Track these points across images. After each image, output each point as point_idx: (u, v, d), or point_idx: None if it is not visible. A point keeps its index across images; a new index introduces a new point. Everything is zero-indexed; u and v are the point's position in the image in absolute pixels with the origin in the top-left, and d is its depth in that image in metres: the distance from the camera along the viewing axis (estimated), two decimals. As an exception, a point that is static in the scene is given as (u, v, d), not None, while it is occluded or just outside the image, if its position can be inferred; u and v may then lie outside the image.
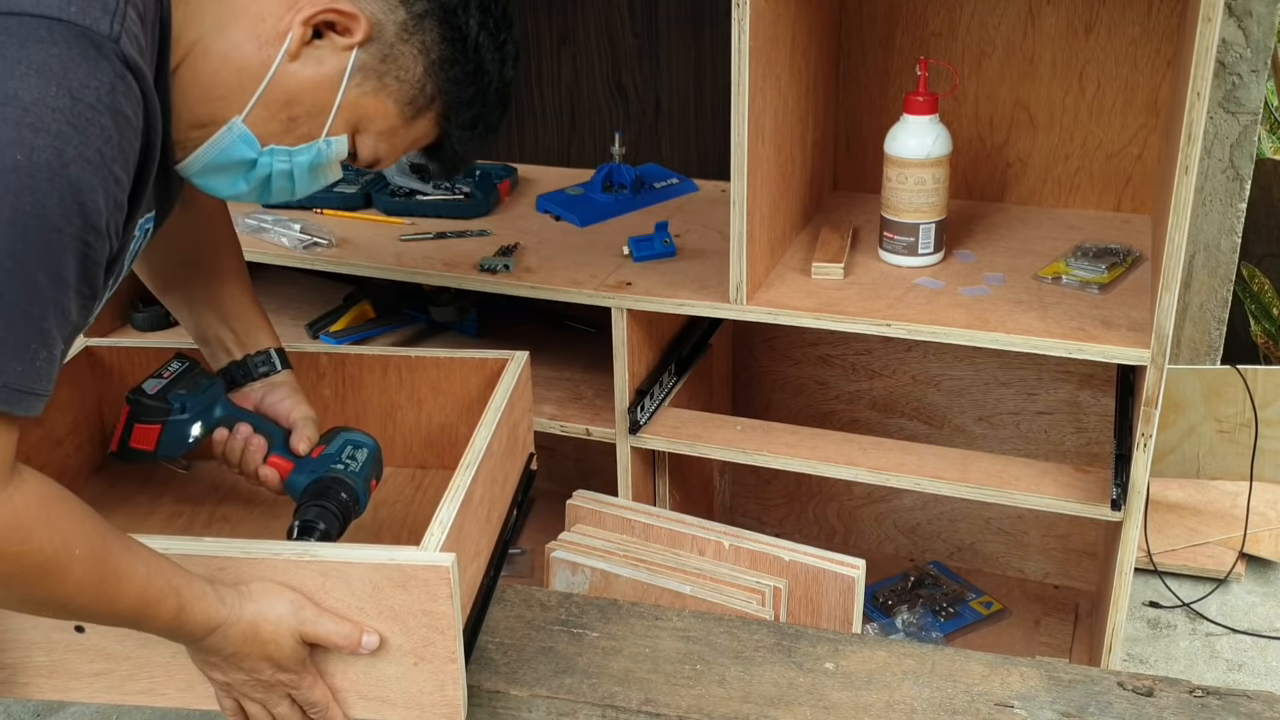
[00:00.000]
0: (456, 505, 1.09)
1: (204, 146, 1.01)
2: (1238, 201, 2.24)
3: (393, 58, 1.04)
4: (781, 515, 2.27)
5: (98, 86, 0.84)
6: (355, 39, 1.02)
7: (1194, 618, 2.17)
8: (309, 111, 1.03)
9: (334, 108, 1.03)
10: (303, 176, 1.06)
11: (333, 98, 1.03)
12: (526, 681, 1.17)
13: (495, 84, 1.11)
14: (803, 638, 1.23)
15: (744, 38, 1.49)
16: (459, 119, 1.10)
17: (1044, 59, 1.87)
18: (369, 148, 1.08)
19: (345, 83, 1.03)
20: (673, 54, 2.23)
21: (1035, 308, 1.62)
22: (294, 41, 1.00)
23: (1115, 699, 1.14)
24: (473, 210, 1.99)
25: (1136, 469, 1.54)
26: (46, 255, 0.83)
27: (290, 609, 1.03)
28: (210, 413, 1.25)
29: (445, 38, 1.06)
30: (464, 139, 1.12)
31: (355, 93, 1.04)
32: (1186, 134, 1.36)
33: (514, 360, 1.36)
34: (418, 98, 1.07)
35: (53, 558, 0.90)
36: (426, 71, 1.06)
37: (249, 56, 0.99)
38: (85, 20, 0.85)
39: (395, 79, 1.05)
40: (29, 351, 0.84)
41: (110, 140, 0.85)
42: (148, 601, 0.96)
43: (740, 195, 1.58)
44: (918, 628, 1.97)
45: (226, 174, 1.04)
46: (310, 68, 1.01)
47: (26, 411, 0.85)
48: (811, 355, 2.13)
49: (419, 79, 1.06)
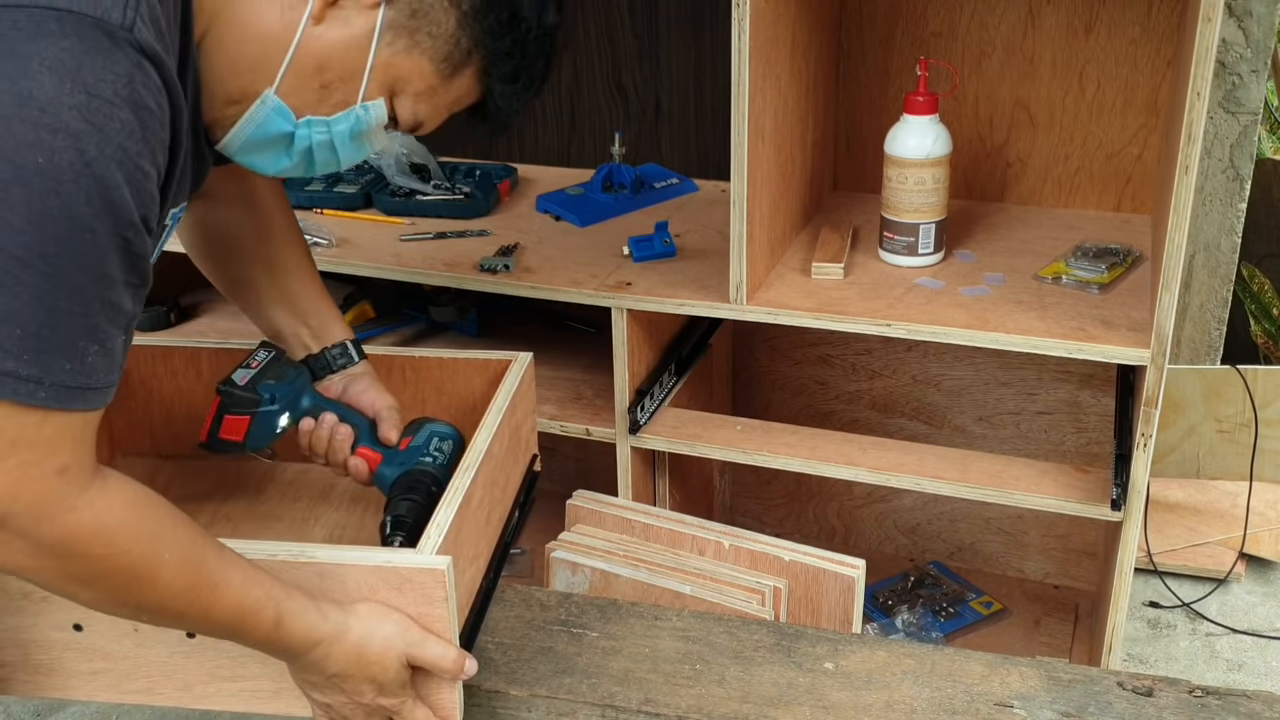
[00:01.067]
0: (454, 508, 1.09)
1: (240, 123, 0.99)
2: (1238, 201, 2.24)
3: (422, 12, 0.99)
4: (781, 515, 2.27)
5: (114, 79, 0.82)
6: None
7: (1194, 618, 2.17)
8: (341, 77, 0.99)
9: (366, 70, 0.99)
10: (345, 146, 1.04)
11: (364, 60, 0.99)
12: (526, 681, 1.17)
13: (535, 31, 1.04)
14: (802, 638, 1.23)
15: (744, 38, 1.49)
16: (499, 72, 1.04)
17: (1044, 59, 1.87)
18: (408, 110, 1.04)
19: (375, 42, 0.98)
20: (673, 54, 2.23)
21: (1035, 308, 1.62)
22: (316, 3, 0.96)
23: (1115, 699, 1.14)
24: (473, 210, 1.99)
25: (1136, 469, 1.54)
26: (83, 256, 0.82)
27: (398, 630, 1.02)
28: (298, 403, 1.25)
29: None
30: (508, 94, 1.06)
31: (387, 52, 0.99)
32: (1186, 134, 1.36)
33: (517, 361, 1.36)
34: (453, 53, 1.02)
35: (141, 561, 0.89)
36: (459, 24, 1.00)
37: (272, 23, 0.96)
38: (96, 10, 0.82)
39: (428, 35, 1.00)
40: (77, 350, 0.83)
41: (132, 133, 0.83)
42: (245, 611, 0.95)
43: (740, 195, 1.58)
44: (918, 628, 1.97)
45: (267, 150, 1.02)
46: (337, 29, 0.97)
47: (86, 405, 0.85)
48: (811, 355, 2.13)
49: (452, 32, 1.01)
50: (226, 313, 2.11)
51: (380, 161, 2.05)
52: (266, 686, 1.09)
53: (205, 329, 2.06)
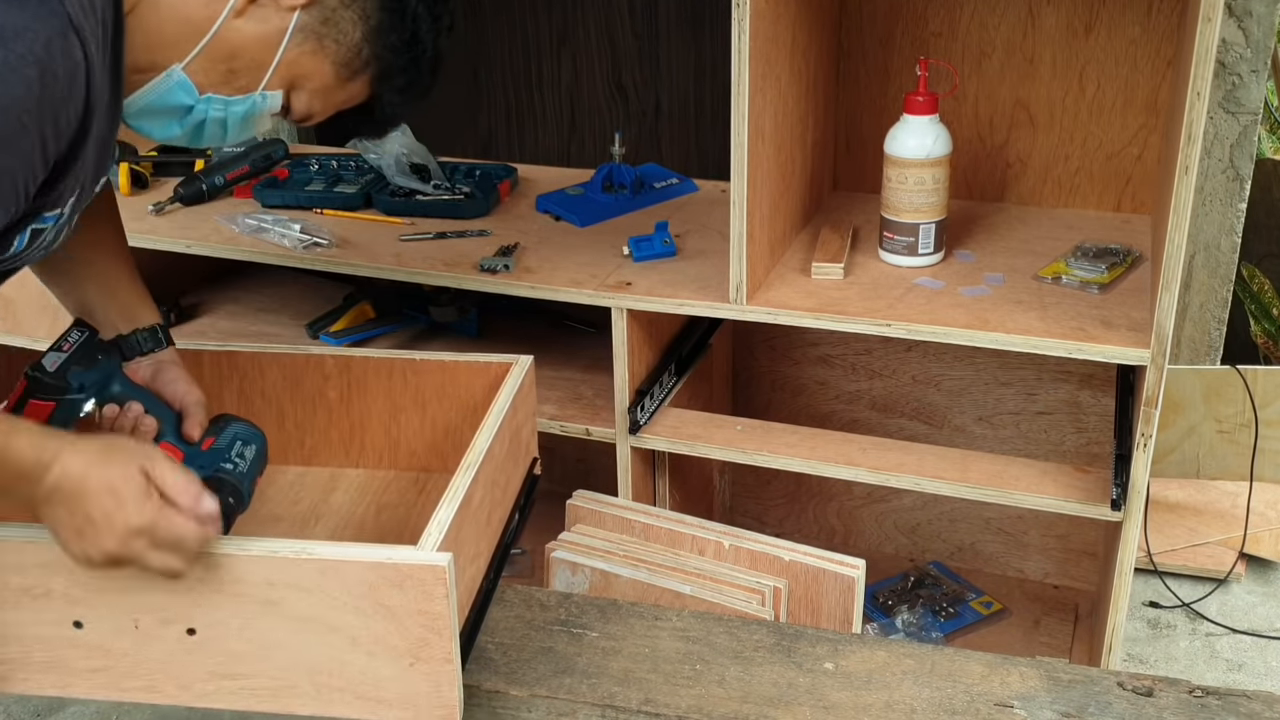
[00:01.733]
0: (455, 507, 1.09)
1: (142, 89, 1.05)
2: (1238, 201, 2.24)
3: (333, 21, 1.08)
4: (781, 515, 2.27)
5: (31, 40, 0.87)
6: (299, 1, 1.06)
7: (1194, 618, 2.17)
8: (248, 66, 1.07)
9: (273, 64, 1.07)
10: (235, 125, 1.11)
11: (273, 55, 1.07)
12: (526, 681, 1.17)
13: (429, 53, 1.15)
14: (802, 638, 1.23)
15: (744, 38, 1.49)
16: (391, 84, 1.14)
17: (1044, 59, 1.87)
18: (303, 104, 1.12)
19: (286, 41, 1.07)
20: (673, 54, 2.23)
21: (1035, 308, 1.62)
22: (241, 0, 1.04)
23: (1115, 699, 1.14)
24: (473, 210, 1.98)
25: (1136, 469, 1.54)
26: None
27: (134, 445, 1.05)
28: (106, 389, 1.24)
29: (384, 6, 1.10)
30: (395, 103, 1.16)
31: (295, 52, 1.08)
32: (1186, 134, 1.36)
33: (518, 364, 1.36)
34: (354, 60, 1.11)
35: None
36: (364, 37, 1.10)
37: (196, 10, 1.03)
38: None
39: (334, 41, 1.09)
40: None
41: (30, 93, 0.88)
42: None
43: (740, 195, 1.58)
44: (918, 628, 1.97)
45: (161, 117, 1.08)
46: (254, 25, 1.06)
47: None
48: (811, 355, 2.13)
49: (357, 43, 1.10)
50: (226, 313, 2.12)
51: (380, 161, 2.05)
52: (266, 684, 1.09)
53: (205, 329, 2.06)
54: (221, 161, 2.10)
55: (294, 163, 2.15)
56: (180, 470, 1.06)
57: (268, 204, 2.03)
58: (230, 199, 2.08)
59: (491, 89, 2.37)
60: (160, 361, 1.30)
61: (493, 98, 2.39)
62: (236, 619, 1.06)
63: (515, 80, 2.35)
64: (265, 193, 2.04)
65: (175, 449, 1.24)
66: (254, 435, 1.28)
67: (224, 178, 2.07)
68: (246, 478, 1.24)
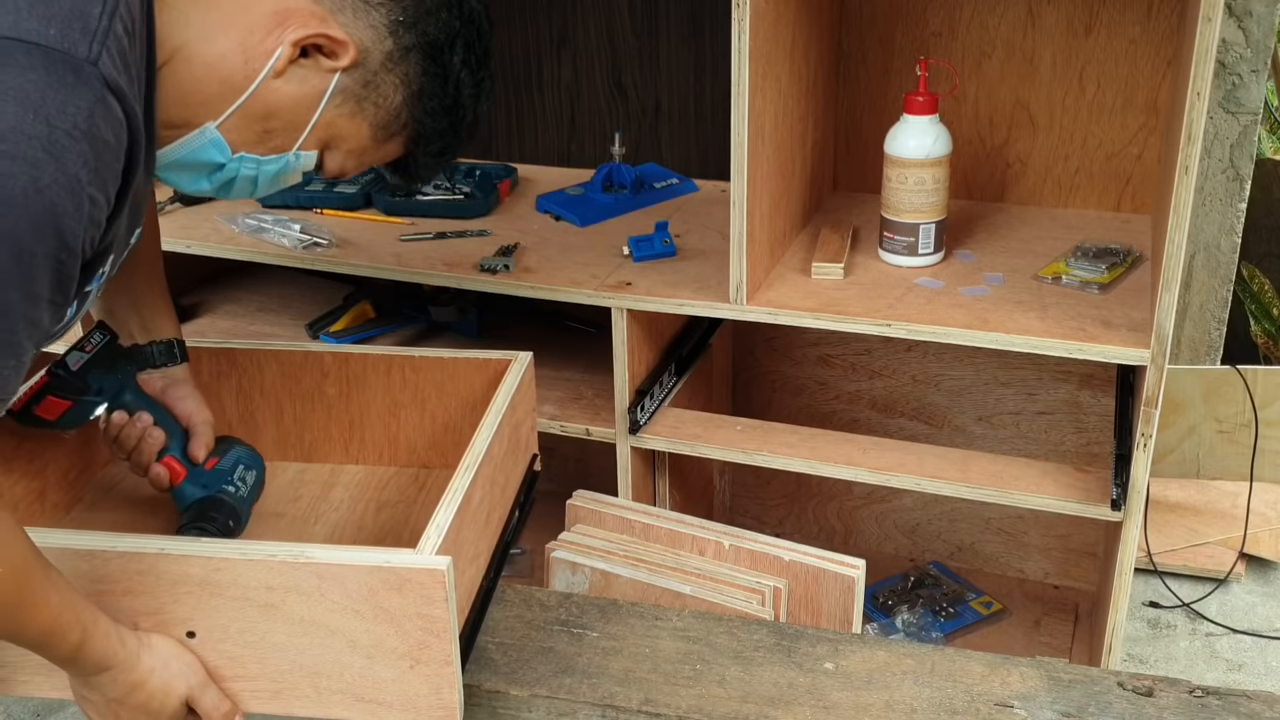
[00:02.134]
0: (454, 508, 1.09)
1: (174, 144, 1.02)
2: (1238, 201, 2.24)
3: (374, 85, 1.05)
4: (781, 515, 2.27)
5: (75, 113, 0.85)
6: (341, 64, 1.03)
7: (1194, 618, 2.17)
8: (285, 126, 1.04)
9: (310, 125, 1.05)
10: (266, 182, 1.08)
11: (310, 116, 1.04)
12: (526, 681, 1.17)
13: (469, 119, 1.13)
14: (803, 638, 1.23)
15: (744, 38, 1.49)
16: (428, 147, 1.12)
17: (1044, 59, 1.87)
18: (336, 163, 1.10)
19: (325, 103, 1.04)
20: (673, 54, 2.23)
21: (1035, 308, 1.62)
22: (281, 60, 1.00)
23: (1115, 699, 1.14)
24: (473, 210, 1.98)
25: (1136, 469, 1.54)
26: (19, 275, 0.85)
27: (184, 670, 1.06)
28: (120, 396, 1.25)
29: (428, 72, 1.07)
30: (428, 164, 1.15)
31: (333, 113, 1.05)
32: (1186, 134, 1.36)
33: (517, 361, 1.36)
34: (392, 123, 1.08)
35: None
36: (405, 101, 1.08)
37: (235, 69, 1.00)
38: (64, 44, 0.85)
39: (374, 104, 1.06)
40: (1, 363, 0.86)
41: (87, 164, 0.86)
42: (55, 631, 0.97)
43: (740, 195, 1.58)
44: (918, 628, 1.97)
45: (191, 172, 1.06)
46: (293, 85, 1.02)
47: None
48: (811, 355, 2.13)
49: (397, 107, 1.08)
50: (226, 313, 2.12)
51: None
52: (266, 686, 1.09)
53: (205, 329, 2.06)
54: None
55: (294, 163, 2.15)
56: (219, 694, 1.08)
57: (268, 204, 2.03)
58: (230, 199, 2.07)
59: (491, 89, 2.37)
60: (172, 377, 1.30)
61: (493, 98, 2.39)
62: (236, 622, 1.06)
63: (515, 80, 2.35)
64: (265, 193, 2.04)
65: (179, 465, 1.27)
66: (255, 460, 1.32)
67: (224, 178, 2.07)
68: (246, 501, 1.28)
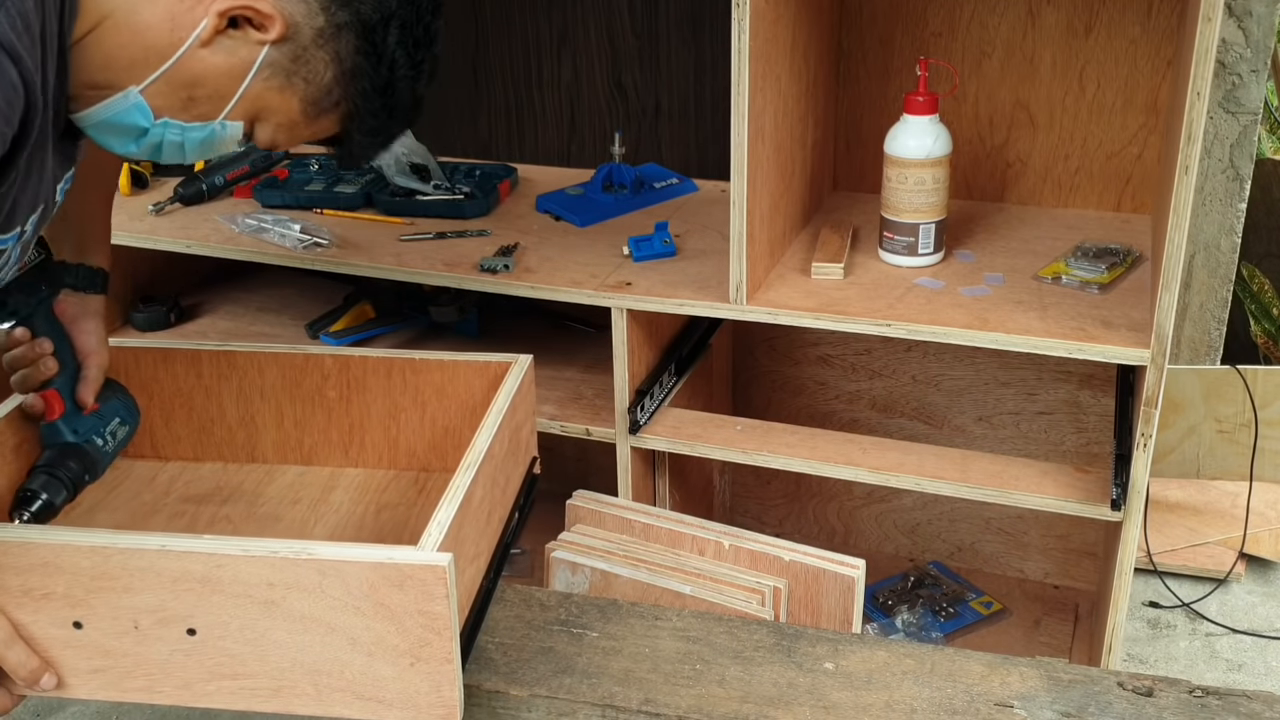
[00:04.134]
0: (455, 506, 1.09)
1: (97, 106, 1.03)
2: (1238, 201, 2.24)
3: (304, 60, 1.05)
4: (781, 515, 2.27)
5: None
6: (269, 37, 1.03)
7: (1194, 618, 2.17)
8: (209, 95, 1.04)
9: (235, 96, 1.05)
10: (194, 148, 1.08)
11: (236, 87, 1.04)
12: (526, 681, 1.17)
13: (404, 100, 1.12)
14: (802, 638, 1.23)
15: (744, 38, 1.49)
16: (362, 126, 1.11)
17: (1044, 59, 1.87)
18: (267, 135, 1.10)
19: (252, 76, 1.04)
20: (673, 54, 2.23)
21: (1035, 308, 1.62)
22: (207, 30, 1.01)
23: (1115, 699, 1.14)
24: (473, 210, 1.98)
25: (1136, 469, 1.54)
26: None
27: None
28: (30, 318, 1.24)
29: (360, 50, 1.06)
30: (364, 144, 1.14)
31: (260, 86, 1.05)
32: (1186, 134, 1.36)
33: (517, 363, 1.36)
34: (322, 100, 1.08)
35: None
36: (336, 79, 1.07)
37: (160, 36, 1.00)
38: None
39: (303, 80, 1.06)
40: None
41: None
42: None
43: (740, 195, 1.58)
44: (918, 628, 1.97)
45: (117, 134, 1.06)
46: (220, 56, 1.03)
47: None
48: (811, 355, 2.13)
49: (327, 84, 1.07)
50: (226, 313, 2.12)
51: (380, 161, 2.05)
52: (266, 684, 1.09)
53: (205, 329, 2.06)
54: (221, 161, 2.10)
55: (294, 163, 2.15)
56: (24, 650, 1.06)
57: (268, 204, 2.03)
58: (230, 199, 2.08)
59: (491, 89, 2.37)
60: (85, 307, 1.29)
61: (493, 98, 2.39)
62: (237, 619, 1.06)
63: (515, 80, 2.35)
64: (265, 193, 2.04)
65: (60, 402, 1.25)
66: (132, 416, 1.31)
67: (224, 178, 2.07)
68: (109, 457, 1.28)
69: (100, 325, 1.30)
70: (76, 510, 1.36)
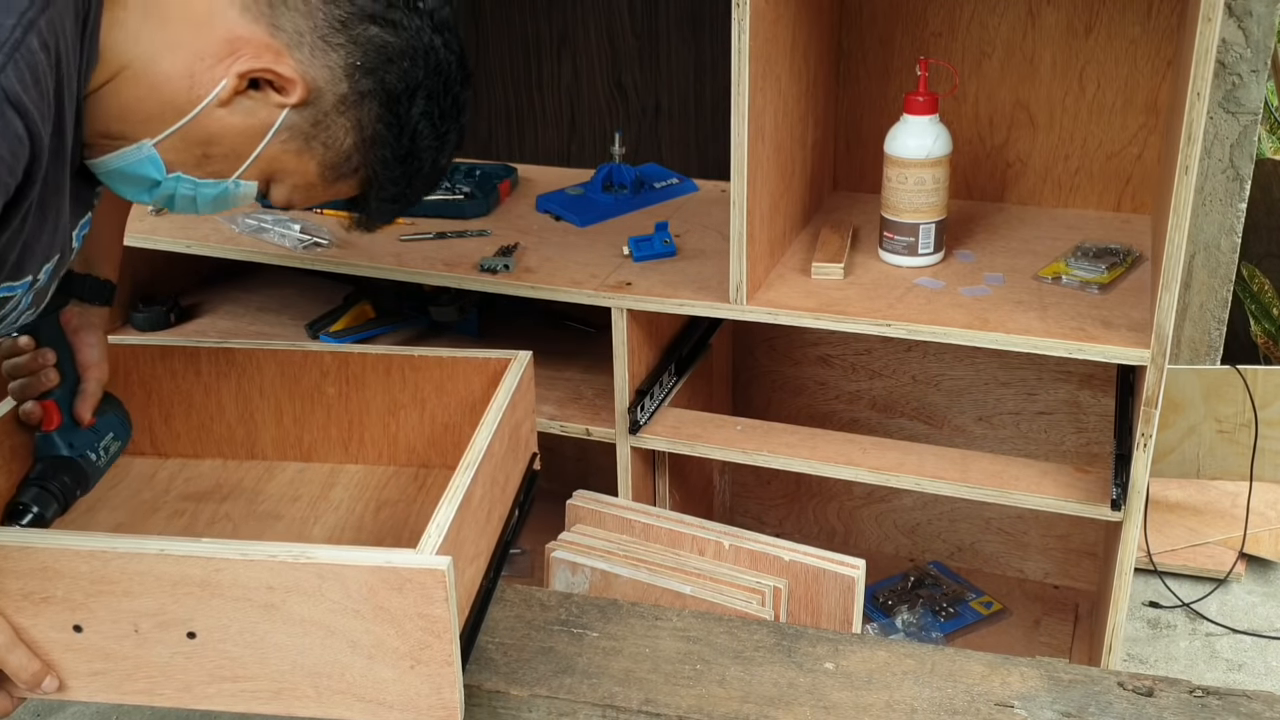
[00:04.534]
0: (454, 507, 1.09)
1: (110, 155, 1.02)
2: (1238, 201, 2.24)
3: (324, 125, 1.04)
4: (781, 515, 2.27)
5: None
6: (290, 100, 1.02)
7: (1194, 618, 2.17)
8: (225, 154, 1.03)
9: (251, 157, 1.04)
10: (206, 204, 1.07)
11: (252, 148, 1.03)
12: (526, 681, 1.17)
13: (426, 170, 1.11)
14: (803, 638, 1.23)
15: (744, 38, 1.49)
16: (381, 192, 1.10)
17: (1044, 59, 1.87)
18: (282, 195, 1.09)
19: (269, 138, 1.03)
20: (673, 54, 2.23)
21: (1035, 308, 1.62)
22: (226, 90, 0.99)
23: (1115, 699, 1.14)
24: (473, 210, 1.98)
25: (1136, 469, 1.54)
26: None
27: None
28: (36, 327, 1.24)
29: (383, 120, 1.05)
30: (382, 209, 1.13)
31: (278, 148, 1.04)
32: (1186, 134, 1.36)
33: (516, 360, 1.36)
34: (341, 165, 1.07)
35: None
36: (356, 146, 1.06)
37: (178, 92, 0.99)
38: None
39: (322, 144, 1.05)
40: None
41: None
42: None
43: (740, 195, 1.58)
44: (918, 628, 1.97)
45: (130, 184, 1.05)
46: (238, 116, 1.01)
47: None
48: (811, 355, 2.13)
49: (347, 150, 1.06)
50: (226, 313, 2.12)
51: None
52: (266, 687, 1.09)
53: (205, 329, 2.06)
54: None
55: (294, 163, 2.15)
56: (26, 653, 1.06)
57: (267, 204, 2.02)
58: (230, 199, 2.07)
59: (491, 89, 2.37)
60: (89, 318, 1.29)
61: (493, 98, 2.39)
62: (236, 623, 1.06)
63: (515, 80, 2.35)
64: (265, 193, 2.04)
65: (58, 413, 1.25)
66: (125, 431, 1.31)
67: (224, 178, 2.07)
68: (100, 472, 1.28)
69: (102, 338, 1.30)
70: (77, 509, 1.36)
